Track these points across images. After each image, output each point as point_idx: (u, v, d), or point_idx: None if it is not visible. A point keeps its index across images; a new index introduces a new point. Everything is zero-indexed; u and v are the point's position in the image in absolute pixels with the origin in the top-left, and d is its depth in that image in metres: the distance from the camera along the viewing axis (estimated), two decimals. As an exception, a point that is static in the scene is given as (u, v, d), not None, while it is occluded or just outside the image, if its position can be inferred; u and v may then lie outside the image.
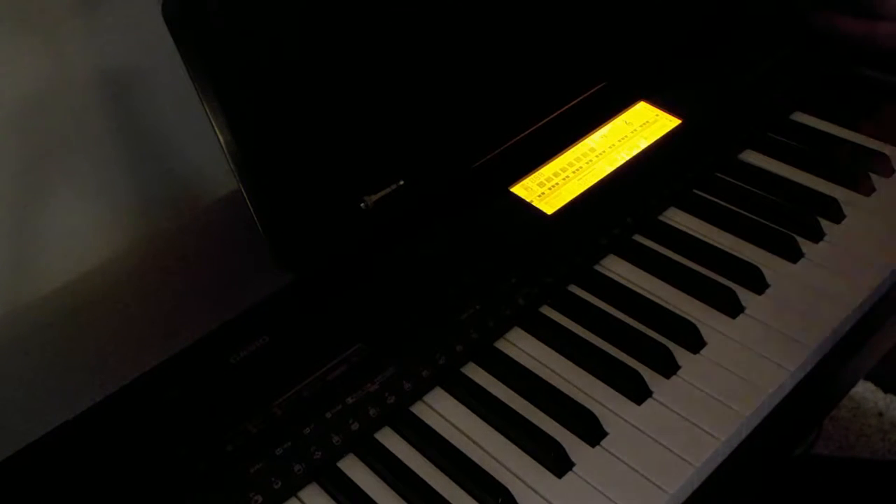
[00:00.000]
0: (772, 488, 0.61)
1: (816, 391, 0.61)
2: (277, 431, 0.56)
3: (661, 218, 0.71)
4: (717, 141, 0.76)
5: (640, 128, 0.77)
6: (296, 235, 0.63)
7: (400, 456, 0.56)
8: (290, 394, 0.58)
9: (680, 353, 0.60)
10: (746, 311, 0.62)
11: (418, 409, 0.59)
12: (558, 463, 0.54)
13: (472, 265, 0.65)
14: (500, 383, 0.60)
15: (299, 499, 0.55)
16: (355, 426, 0.57)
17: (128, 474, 0.55)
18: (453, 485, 0.54)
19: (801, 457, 0.79)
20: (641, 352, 0.60)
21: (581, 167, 0.73)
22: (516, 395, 0.59)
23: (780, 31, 0.86)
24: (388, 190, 0.66)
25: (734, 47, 0.84)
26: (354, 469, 0.56)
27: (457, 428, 0.58)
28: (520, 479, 0.54)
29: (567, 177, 0.72)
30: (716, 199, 0.72)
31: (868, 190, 0.71)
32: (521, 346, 0.62)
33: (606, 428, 0.56)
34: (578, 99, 0.76)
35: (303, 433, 0.56)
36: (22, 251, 0.71)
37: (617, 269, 0.67)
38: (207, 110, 0.59)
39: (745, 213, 0.70)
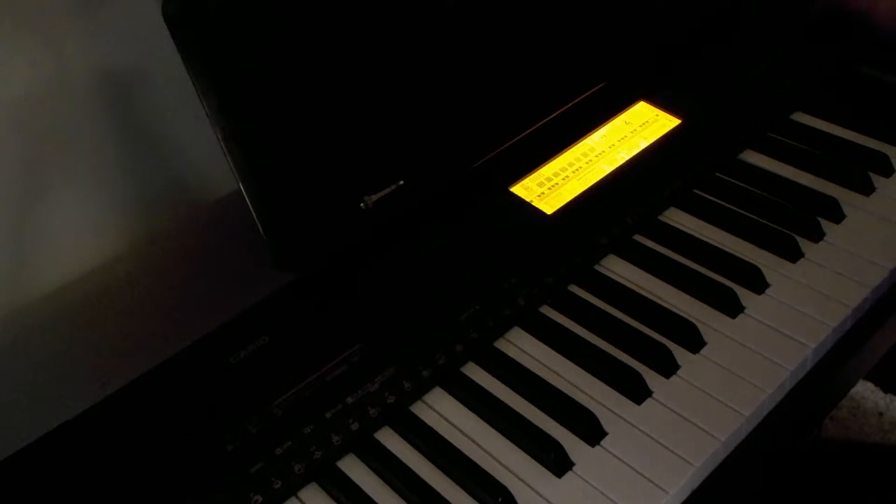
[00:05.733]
0: (774, 483, 0.61)
1: (816, 391, 0.61)
2: (277, 431, 0.56)
3: (661, 218, 0.71)
4: (717, 141, 0.76)
5: (639, 128, 0.77)
6: (296, 235, 0.63)
7: (400, 456, 0.56)
8: (290, 394, 0.58)
9: (680, 353, 0.60)
10: (746, 311, 0.62)
11: (418, 409, 0.59)
12: (558, 463, 0.54)
13: (471, 265, 0.65)
14: (500, 383, 0.60)
15: (299, 499, 0.55)
16: (355, 426, 0.57)
17: (128, 474, 0.55)
18: (453, 485, 0.54)
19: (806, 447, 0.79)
20: (641, 352, 0.60)
21: (581, 167, 0.73)
22: (516, 395, 0.59)
23: (780, 31, 0.86)
24: (388, 190, 0.66)
25: (734, 47, 0.84)
26: (354, 469, 0.56)
27: (457, 428, 0.58)
28: (520, 479, 0.54)
29: (567, 177, 0.72)
30: (716, 199, 0.72)
31: (868, 190, 0.71)
32: (521, 346, 0.62)
33: (606, 428, 0.56)
34: (578, 99, 0.76)
35: (303, 433, 0.56)
36: (22, 251, 0.71)
37: (617, 269, 0.67)
38: (207, 110, 0.59)
39: (745, 213, 0.70)
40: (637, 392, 0.58)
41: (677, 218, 0.71)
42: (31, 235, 0.71)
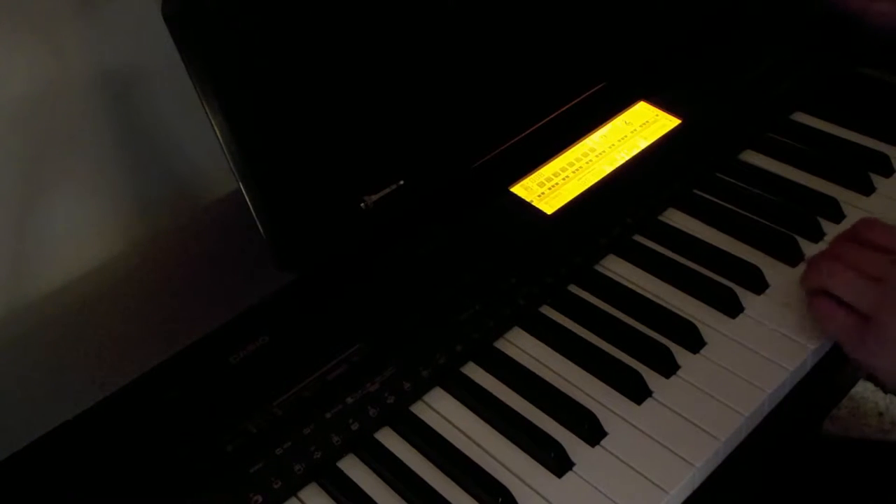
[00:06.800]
0: (774, 483, 0.61)
1: (816, 391, 0.61)
2: (277, 431, 0.56)
3: (661, 218, 0.71)
4: (717, 141, 0.76)
5: (639, 128, 0.77)
6: (296, 235, 0.63)
7: (400, 456, 0.56)
8: (290, 394, 0.58)
9: (680, 353, 0.60)
10: (746, 311, 0.62)
11: (418, 409, 0.59)
12: (558, 463, 0.54)
13: (471, 265, 0.65)
14: (500, 383, 0.60)
15: (299, 499, 0.55)
16: (355, 426, 0.57)
17: (128, 474, 0.55)
18: (453, 485, 0.54)
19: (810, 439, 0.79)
20: (641, 352, 0.60)
21: (581, 167, 0.73)
22: (516, 395, 0.59)
23: (780, 31, 0.86)
24: (388, 190, 0.66)
25: (734, 47, 0.84)
26: (354, 469, 0.56)
27: (457, 428, 0.58)
28: (520, 479, 0.54)
29: (567, 177, 0.72)
30: (716, 200, 0.72)
31: (868, 190, 0.71)
32: (521, 346, 0.62)
33: (606, 428, 0.56)
34: (578, 99, 0.76)
35: (303, 433, 0.56)
36: (22, 251, 0.71)
37: (617, 269, 0.67)
38: (207, 110, 0.59)
39: (746, 214, 0.70)
40: (637, 392, 0.58)
41: (677, 218, 0.71)
42: (31, 235, 0.71)
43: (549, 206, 0.70)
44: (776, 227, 0.68)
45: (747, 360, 0.59)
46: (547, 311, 0.65)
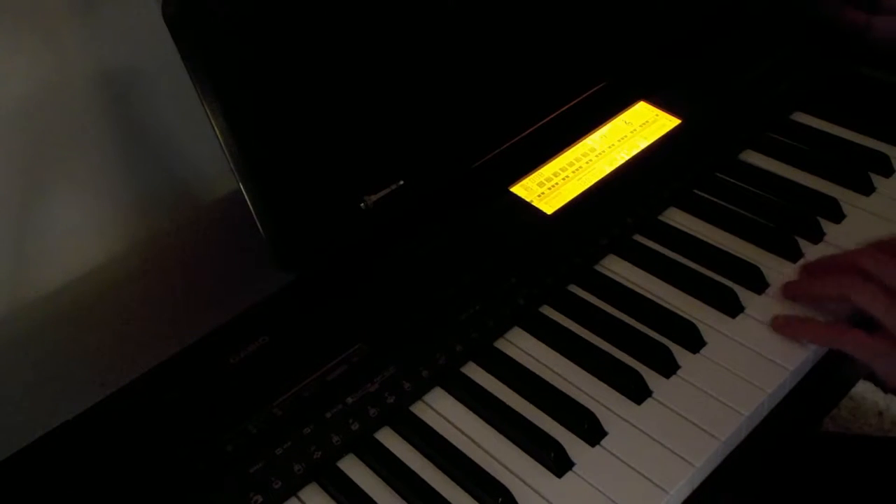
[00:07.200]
0: (774, 483, 0.61)
1: (816, 391, 0.61)
2: (277, 431, 0.56)
3: (661, 218, 0.71)
4: (717, 141, 0.76)
5: (639, 128, 0.77)
6: (296, 235, 0.63)
7: (400, 456, 0.56)
8: (290, 394, 0.58)
9: (680, 353, 0.60)
10: (746, 311, 0.62)
11: (418, 409, 0.59)
12: (558, 463, 0.54)
13: (472, 265, 0.65)
14: (500, 383, 0.60)
15: (299, 499, 0.55)
16: (355, 426, 0.57)
17: (128, 474, 0.55)
18: (453, 485, 0.54)
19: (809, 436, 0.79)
20: (641, 352, 0.60)
21: (581, 167, 0.73)
22: (516, 395, 0.59)
23: (780, 31, 0.86)
24: (388, 190, 0.66)
25: (734, 47, 0.84)
26: (354, 469, 0.56)
27: (457, 428, 0.58)
28: (520, 479, 0.54)
29: (567, 177, 0.72)
30: (716, 199, 0.72)
31: (868, 190, 0.71)
32: (521, 346, 0.62)
33: (606, 428, 0.56)
34: (578, 99, 0.76)
35: (303, 433, 0.56)
36: (22, 251, 0.71)
37: (617, 269, 0.67)
38: (207, 110, 0.59)
39: (745, 213, 0.70)
40: (637, 392, 0.58)
41: (677, 218, 0.71)
42: (32, 235, 0.71)
43: (549, 206, 0.70)
44: (776, 227, 0.68)
45: (747, 360, 0.59)
46: (547, 311, 0.65)
